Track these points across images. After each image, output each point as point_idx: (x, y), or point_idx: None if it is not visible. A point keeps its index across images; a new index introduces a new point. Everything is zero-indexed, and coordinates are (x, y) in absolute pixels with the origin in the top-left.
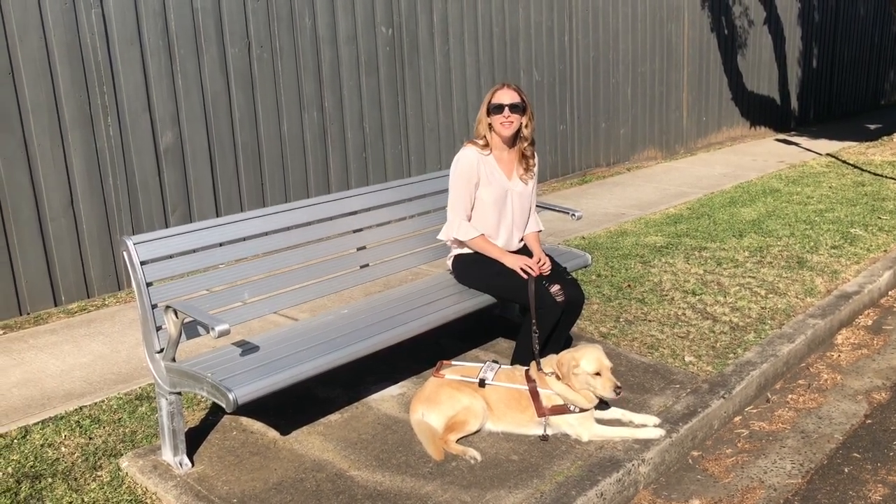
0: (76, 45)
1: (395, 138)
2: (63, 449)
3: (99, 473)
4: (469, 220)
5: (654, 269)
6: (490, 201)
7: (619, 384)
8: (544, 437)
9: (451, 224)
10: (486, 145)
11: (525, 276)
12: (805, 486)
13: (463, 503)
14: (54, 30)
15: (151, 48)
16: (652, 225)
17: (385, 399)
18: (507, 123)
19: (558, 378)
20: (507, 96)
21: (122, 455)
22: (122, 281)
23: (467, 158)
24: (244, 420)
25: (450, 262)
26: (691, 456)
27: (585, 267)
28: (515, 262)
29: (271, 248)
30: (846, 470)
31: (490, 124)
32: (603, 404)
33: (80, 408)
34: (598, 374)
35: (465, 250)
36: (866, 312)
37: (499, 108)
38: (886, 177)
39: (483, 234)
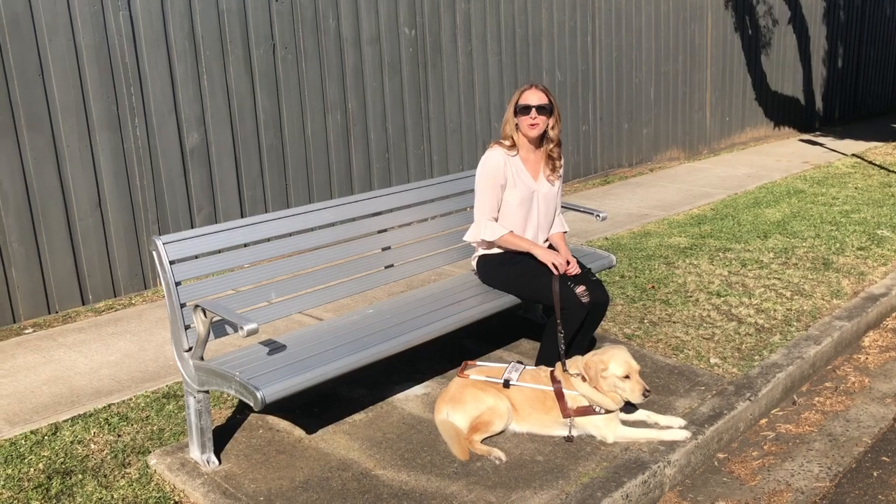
0: (104, 46)
1: (418, 139)
2: (92, 446)
3: (128, 470)
4: (496, 221)
5: (678, 270)
6: (516, 203)
7: (647, 388)
8: (569, 439)
9: (477, 225)
10: (513, 146)
11: (556, 272)
12: (833, 489)
13: (488, 503)
14: (83, 31)
15: (178, 50)
16: (675, 226)
17: (409, 399)
18: (533, 125)
19: (584, 379)
20: (534, 97)
21: (150, 452)
22: (149, 280)
23: (494, 160)
24: (270, 419)
25: (474, 263)
26: (717, 458)
27: (610, 268)
28: (547, 257)
29: (296, 248)
30: (875, 474)
31: (517, 125)
32: (629, 406)
33: (109, 405)
34: (626, 377)
35: (490, 251)
36: (894, 315)
37: (525, 110)
38: None
39: (511, 231)
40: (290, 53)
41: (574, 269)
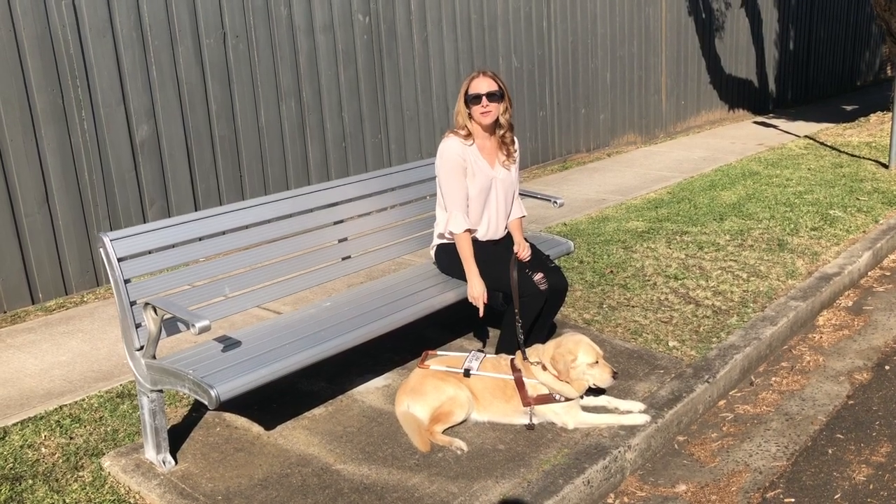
0: (47, 37)
1: (375, 128)
2: (43, 449)
3: (80, 473)
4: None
5: (636, 254)
6: (475, 192)
7: (615, 369)
8: (530, 426)
9: (450, 215)
10: (469, 135)
11: (474, 306)
12: (790, 468)
13: (450, 494)
14: (23, 21)
15: (125, 40)
16: (633, 210)
17: (370, 391)
18: (485, 112)
19: (544, 368)
20: (483, 84)
21: (103, 454)
22: (101, 277)
23: (452, 149)
24: (228, 416)
25: (433, 252)
26: (677, 441)
27: (568, 254)
28: (473, 284)
29: (252, 241)
30: (830, 451)
31: (469, 114)
32: (590, 391)
33: (61, 407)
34: (595, 363)
35: (448, 241)
36: (846, 293)
37: (476, 98)
38: (863, 158)
39: (467, 231)
40: (242, 42)
41: (526, 254)
